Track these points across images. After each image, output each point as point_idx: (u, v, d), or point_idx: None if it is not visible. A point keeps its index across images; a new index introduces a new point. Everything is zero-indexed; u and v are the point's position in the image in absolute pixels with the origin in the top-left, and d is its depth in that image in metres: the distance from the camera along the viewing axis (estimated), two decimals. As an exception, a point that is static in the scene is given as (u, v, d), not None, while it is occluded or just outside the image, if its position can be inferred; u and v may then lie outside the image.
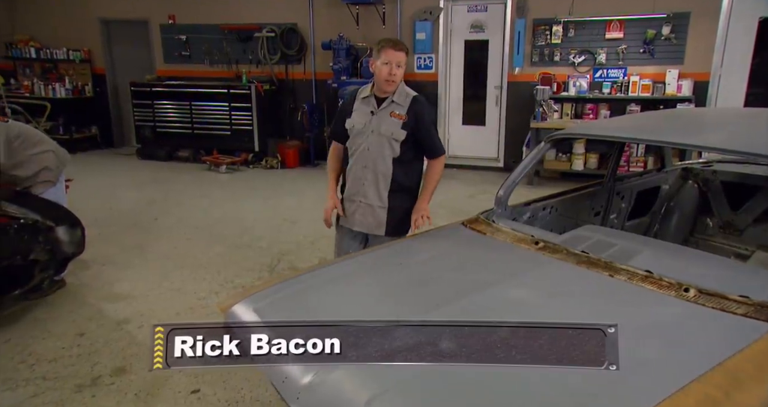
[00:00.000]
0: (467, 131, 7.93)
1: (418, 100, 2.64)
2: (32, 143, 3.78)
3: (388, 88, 2.58)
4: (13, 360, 3.02)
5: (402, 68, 2.56)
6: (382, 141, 2.62)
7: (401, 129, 2.59)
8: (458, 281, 2.07)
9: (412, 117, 2.60)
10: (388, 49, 2.53)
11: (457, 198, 6.49)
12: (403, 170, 2.68)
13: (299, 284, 2.24)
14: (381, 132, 2.61)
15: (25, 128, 3.87)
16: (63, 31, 9.29)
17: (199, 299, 3.82)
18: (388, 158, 2.64)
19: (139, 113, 8.57)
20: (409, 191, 2.75)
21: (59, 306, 3.69)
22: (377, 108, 2.63)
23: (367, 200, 2.71)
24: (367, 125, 2.64)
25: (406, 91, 2.65)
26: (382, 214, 2.71)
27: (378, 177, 2.67)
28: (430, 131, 2.68)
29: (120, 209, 6.03)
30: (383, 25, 7.66)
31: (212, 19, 8.49)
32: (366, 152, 2.66)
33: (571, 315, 1.76)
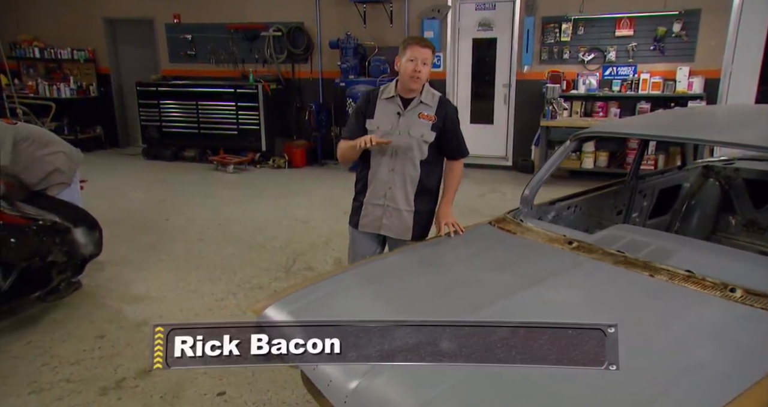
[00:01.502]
0: (475, 130, 7.89)
1: (445, 101, 2.61)
2: (42, 144, 3.75)
3: (414, 86, 2.52)
4: (35, 363, 2.99)
5: (428, 66, 2.51)
6: (411, 143, 2.55)
7: (431, 131, 2.55)
8: (495, 283, 2.05)
9: (441, 118, 2.56)
10: (414, 46, 2.48)
11: (468, 197, 6.47)
12: (427, 172, 2.64)
13: (332, 286, 2.22)
14: (411, 134, 2.55)
15: (35, 129, 3.83)
16: (67, 30, 9.24)
17: (218, 301, 3.80)
18: (417, 160, 2.59)
19: (145, 112, 8.53)
20: (432, 193, 2.71)
21: (77, 308, 3.67)
22: (404, 109, 2.57)
23: (395, 204, 2.64)
24: (395, 127, 2.56)
25: (432, 92, 2.61)
26: (410, 218, 2.66)
27: (406, 180, 2.62)
28: (457, 133, 2.65)
29: (129, 209, 6.00)
30: (390, 24, 7.63)
31: (218, 18, 8.45)
32: (393, 155, 2.59)
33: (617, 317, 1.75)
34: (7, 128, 3.52)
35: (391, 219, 2.67)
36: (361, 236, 2.78)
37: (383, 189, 2.65)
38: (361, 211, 2.73)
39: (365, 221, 2.73)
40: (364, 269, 2.37)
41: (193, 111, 8.30)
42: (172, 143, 8.58)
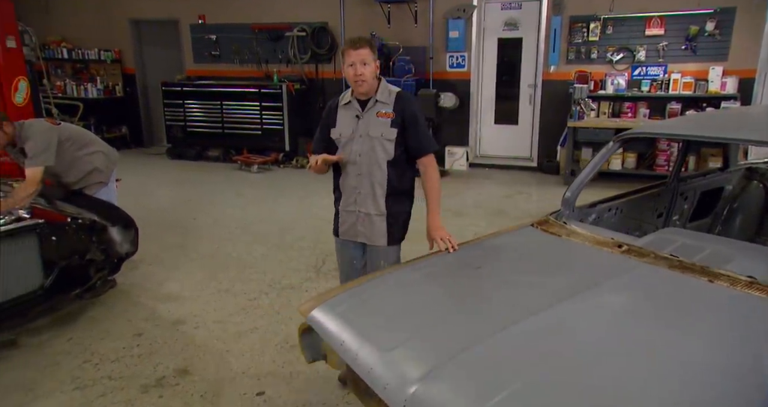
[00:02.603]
0: (499, 130, 7.86)
1: (402, 95, 2.49)
2: (82, 144, 3.80)
3: (360, 90, 2.42)
4: (77, 359, 3.03)
5: (369, 65, 2.38)
6: (373, 144, 2.45)
7: (391, 127, 2.43)
8: (547, 286, 2.02)
9: (399, 114, 2.43)
10: (348, 50, 2.38)
11: (494, 198, 6.44)
12: (398, 173, 2.51)
13: (377, 288, 2.21)
14: (370, 135, 2.44)
15: (76, 129, 3.89)
16: (94, 31, 9.37)
17: (250, 300, 3.82)
18: (382, 161, 2.47)
19: (170, 112, 8.61)
20: (406, 194, 2.59)
21: (113, 306, 3.71)
22: (362, 111, 2.47)
23: (366, 209, 2.55)
24: (355, 130, 2.48)
25: (389, 88, 2.49)
26: (382, 223, 2.55)
27: (374, 183, 2.50)
28: (417, 126, 2.46)
29: (156, 208, 6.05)
30: (415, 24, 7.61)
31: (242, 18, 8.50)
32: (358, 158, 2.49)
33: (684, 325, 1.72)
34: (53, 128, 3.57)
35: (364, 225, 2.58)
36: (344, 243, 2.71)
37: (353, 195, 2.57)
38: (338, 219, 2.67)
39: (343, 229, 2.66)
40: (408, 271, 2.36)
41: (218, 111, 8.36)
42: (197, 143, 8.65)
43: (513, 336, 1.76)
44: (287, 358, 3.06)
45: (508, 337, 1.76)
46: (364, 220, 2.56)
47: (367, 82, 2.39)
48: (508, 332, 1.77)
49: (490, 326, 1.82)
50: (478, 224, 5.50)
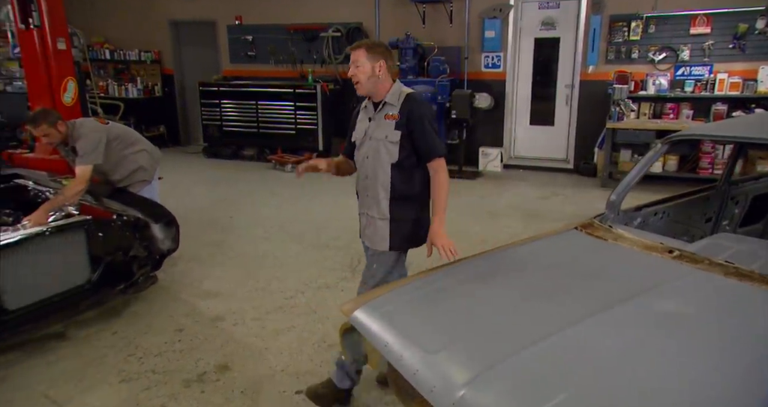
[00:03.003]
0: (535, 131, 7.75)
1: (411, 97, 2.41)
2: (128, 143, 3.91)
3: (358, 92, 2.42)
4: (122, 352, 3.11)
5: (362, 67, 2.34)
6: (378, 146, 2.40)
7: (395, 130, 2.37)
8: (595, 292, 1.98)
9: (405, 115, 2.36)
10: (349, 54, 2.39)
11: (528, 200, 6.35)
12: (403, 177, 2.42)
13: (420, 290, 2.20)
14: (377, 137, 2.41)
15: (123, 129, 3.99)
16: (135, 33, 9.61)
17: (287, 299, 3.85)
18: (386, 164, 2.41)
19: (207, 112, 8.77)
20: (413, 200, 2.47)
21: (154, 301, 3.79)
22: (374, 113, 2.45)
23: (371, 212, 2.50)
24: (366, 133, 2.46)
25: (401, 89, 2.44)
26: (384, 227, 2.47)
27: (378, 187, 2.45)
28: (423, 128, 2.36)
29: (194, 206, 6.17)
30: (450, 24, 7.57)
31: (278, 19, 8.60)
32: (366, 160, 2.47)
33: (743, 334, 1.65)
34: (102, 128, 3.68)
35: (369, 228, 2.53)
36: (365, 246, 2.66)
37: (363, 198, 2.55)
38: (360, 221, 2.65)
39: (360, 232, 2.64)
40: (451, 272, 2.34)
41: (253, 111, 8.48)
42: (232, 142, 8.79)
43: (563, 342, 1.73)
44: (324, 357, 3.08)
45: (558, 343, 1.73)
46: (370, 223, 2.51)
47: (361, 83, 2.36)
48: (558, 338, 1.74)
49: (538, 331, 1.79)
50: (513, 226, 5.43)
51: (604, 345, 1.69)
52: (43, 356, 3.05)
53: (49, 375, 2.88)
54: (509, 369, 1.64)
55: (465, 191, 6.75)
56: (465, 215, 5.77)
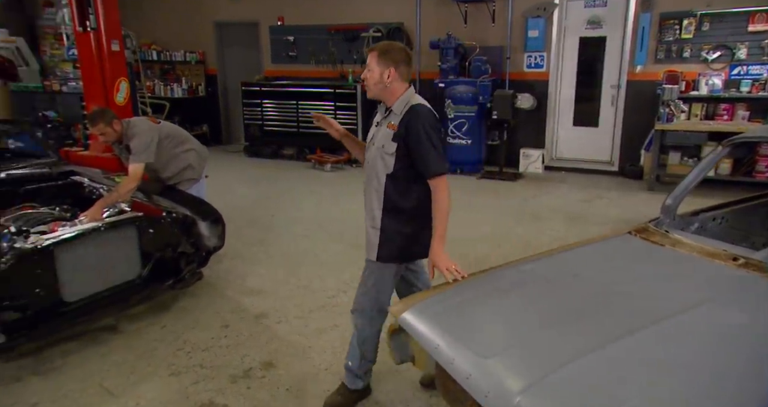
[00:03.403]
0: (578, 133, 7.58)
1: (414, 109, 2.29)
2: (179, 142, 4.00)
3: (368, 95, 2.37)
4: (171, 346, 3.19)
5: (372, 72, 2.27)
6: (375, 155, 2.35)
7: (392, 141, 2.28)
8: (655, 298, 1.92)
9: (403, 126, 2.26)
10: None
11: (571, 203, 6.22)
12: (399, 188, 2.33)
13: (471, 292, 2.18)
14: (376, 145, 2.35)
15: (174, 128, 4.10)
16: (181, 34, 9.87)
17: (329, 298, 3.87)
18: (381, 174, 2.34)
19: (248, 111, 8.93)
20: (407, 213, 2.36)
21: (200, 297, 3.87)
22: (381, 119, 2.40)
23: (366, 218, 2.45)
24: (372, 138, 2.42)
25: (408, 99, 2.32)
26: (375, 236, 2.40)
27: (372, 195, 2.39)
28: (420, 143, 2.24)
29: (236, 205, 6.27)
30: (492, 23, 7.48)
31: (319, 19, 8.68)
32: (367, 166, 2.42)
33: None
34: (154, 127, 3.78)
35: (366, 236, 2.46)
36: None
37: (364, 202, 2.49)
38: None
39: None
40: (502, 275, 2.31)
41: (293, 111, 8.58)
42: (273, 141, 8.92)
43: (621, 352, 1.68)
44: (368, 357, 3.08)
45: (616, 353, 1.68)
46: (366, 230, 2.45)
47: (368, 88, 2.32)
48: (616, 347, 1.69)
49: (595, 339, 1.74)
50: (557, 229, 5.33)
51: (666, 356, 1.63)
52: (97, 347, 3.15)
53: (103, 366, 2.97)
54: (566, 378, 1.60)
55: (506, 193, 6.66)
56: (507, 217, 5.69)
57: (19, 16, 10.40)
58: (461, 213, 5.81)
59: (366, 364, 2.64)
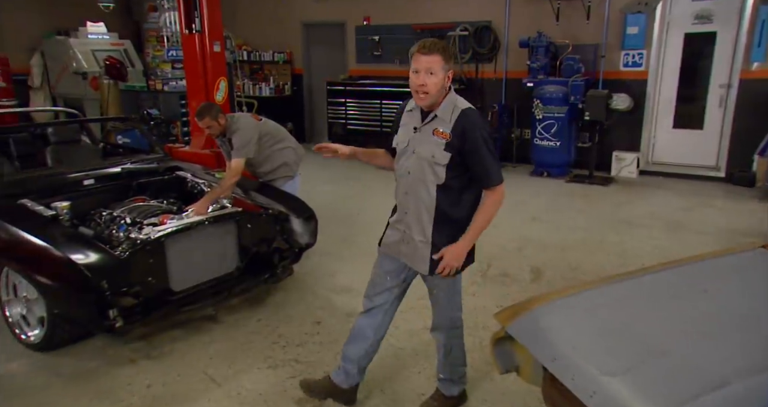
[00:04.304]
0: (679, 135, 7.08)
1: (467, 114, 2.14)
2: (277, 139, 4.12)
3: (421, 102, 2.14)
4: (267, 339, 3.28)
5: (436, 76, 2.07)
6: (422, 165, 2.17)
7: (444, 151, 2.12)
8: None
9: (458, 136, 2.10)
10: (417, 54, 2.09)
11: (670, 210, 5.82)
12: (450, 199, 2.20)
13: (590, 302, 2.05)
14: (421, 155, 2.17)
15: (273, 125, 4.22)
16: (271, 35, 10.21)
17: (418, 299, 3.77)
18: (431, 184, 2.18)
19: (333, 110, 9.09)
20: (460, 223, 2.23)
21: (291, 292, 3.96)
22: (421, 123, 2.20)
23: (411, 231, 2.28)
24: (410, 144, 2.22)
25: (455, 103, 2.16)
26: (426, 250, 2.27)
27: (420, 207, 2.23)
28: (480, 154, 2.12)
29: (321, 202, 6.33)
30: (587, 20, 7.14)
31: (405, 19, 8.67)
32: (407, 176, 2.24)
33: None
34: (256, 124, 3.93)
35: (408, 247, 2.32)
36: (383, 256, 2.48)
37: (401, 214, 2.32)
38: (386, 229, 2.45)
39: (386, 242, 2.43)
40: (622, 286, 2.17)
41: (377, 110, 8.64)
42: (356, 140, 8.98)
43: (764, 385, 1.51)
44: (461, 363, 3.01)
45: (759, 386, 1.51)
46: (408, 242, 2.31)
47: (430, 95, 2.09)
48: (761, 379, 1.52)
49: (733, 367, 1.58)
50: (657, 237, 5.01)
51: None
52: (200, 336, 3.30)
53: (205, 354, 3.10)
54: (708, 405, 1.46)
55: (597, 198, 6.34)
56: (599, 223, 5.41)
57: (127, 21, 11.20)
58: (549, 218, 5.60)
59: (459, 370, 2.59)
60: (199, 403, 2.68)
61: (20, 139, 4.61)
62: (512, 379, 2.46)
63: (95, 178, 3.88)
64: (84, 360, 3.02)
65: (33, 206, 3.28)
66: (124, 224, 3.36)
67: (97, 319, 2.78)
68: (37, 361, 3.01)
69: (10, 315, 3.17)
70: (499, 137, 7.86)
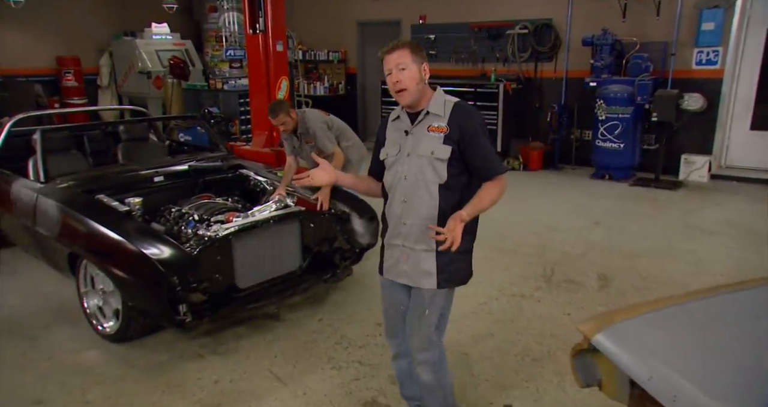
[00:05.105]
0: (757, 138, 6.66)
1: (460, 106, 2.06)
2: (345, 137, 4.13)
3: (403, 101, 2.04)
4: (330, 340, 3.26)
5: (409, 70, 1.97)
6: (422, 164, 2.03)
7: (444, 144, 2.00)
8: None
9: (455, 127, 2.00)
10: (385, 56, 2.01)
11: (748, 217, 5.47)
12: (452, 200, 2.05)
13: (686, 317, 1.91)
14: (419, 153, 2.03)
15: (340, 122, 4.23)
16: (326, 34, 10.28)
17: (481, 304, 3.74)
18: (432, 185, 2.03)
19: (387, 110, 9.04)
20: (465, 228, 1.99)
21: (351, 292, 3.94)
22: (411, 126, 2.07)
23: (411, 243, 2.08)
24: (402, 149, 2.08)
25: (445, 98, 2.07)
26: (430, 260, 2.07)
27: (421, 212, 2.06)
28: (479, 144, 2.01)
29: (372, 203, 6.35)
30: (657, 16, 6.81)
31: (462, 17, 8.54)
32: (403, 181, 2.07)
33: None
34: (324, 117, 3.95)
35: (408, 263, 2.11)
36: (388, 284, 2.24)
37: (398, 225, 2.12)
38: (383, 253, 2.22)
39: (387, 266, 2.20)
40: (717, 302, 2.01)
41: (431, 109, 8.53)
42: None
43: None
44: (530, 372, 2.91)
45: None
46: (408, 256, 2.11)
47: (408, 90, 1.99)
48: None
49: None
50: (735, 246, 4.72)
51: None
52: (263, 334, 3.32)
53: (270, 352, 3.12)
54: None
55: (665, 203, 6.04)
56: (668, 230, 5.15)
57: (188, 21, 11.55)
58: (614, 222, 5.37)
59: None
60: (266, 401, 2.68)
61: (93, 136, 4.80)
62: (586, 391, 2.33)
63: (164, 175, 3.98)
64: (155, 352, 3.09)
65: (109, 202, 3.38)
66: (192, 220, 3.43)
67: (168, 314, 2.84)
68: (113, 352, 3.11)
69: (88, 307, 3.29)
70: (557, 138, 7.64)
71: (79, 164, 4.28)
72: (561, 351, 3.10)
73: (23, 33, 9.49)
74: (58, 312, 3.56)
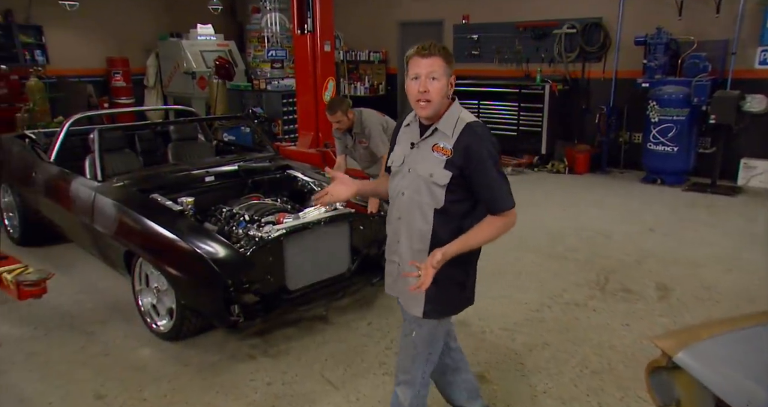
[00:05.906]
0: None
1: (472, 127, 1.83)
2: None
3: (423, 113, 1.82)
4: (380, 344, 3.21)
5: (439, 81, 1.77)
6: (418, 185, 1.86)
7: (444, 169, 1.81)
8: None
9: (461, 152, 1.80)
10: (416, 58, 1.79)
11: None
12: (449, 227, 1.86)
13: None
14: (418, 172, 1.86)
15: (393, 122, 4.16)
16: (367, 35, 10.27)
17: (533, 311, 3.63)
18: (427, 208, 1.85)
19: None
20: (459, 257, 1.82)
21: (398, 296, 3.87)
22: (419, 138, 1.89)
23: (403, 262, 1.94)
24: (405, 162, 1.91)
25: (460, 116, 1.85)
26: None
27: (413, 235, 1.90)
28: (486, 173, 1.80)
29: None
30: (717, 14, 6.52)
31: (507, 17, 8.39)
32: (401, 197, 1.92)
33: None
34: (381, 118, 3.92)
35: (403, 281, 1.94)
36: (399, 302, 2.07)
37: (393, 242, 1.99)
38: (385, 269, 2.09)
39: (387, 282, 2.07)
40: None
41: (474, 111, 8.40)
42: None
43: None
44: (590, 385, 2.79)
45: None
46: (402, 277, 1.95)
47: (432, 103, 1.79)
48: None
49: None
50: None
51: None
52: (313, 336, 3.29)
53: (321, 355, 3.08)
54: None
55: (724, 210, 5.77)
56: (728, 238, 4.91)
57: (232, 22, 11.73)
58: (669, 229, 5.15)
59: None
60: (319, 406, 2.64)
61: (144, 136, 4.88)
62: None
63: (215, 175, 4.00)
64: (207, 352, 3.10)
65: (163, 201, 3.41)
66: (243, 221, 3.42)
67: (221, 313, 2.83)
68: (166, 350, 3.13)
69: (142, 304, 3.32)
70: (606, 140, 7.41)
71: (132, 164, 4.35)
72: (622, 364, 2.97)
73: (76, 35, 9.81)
74: (114, 308, 3.61)
